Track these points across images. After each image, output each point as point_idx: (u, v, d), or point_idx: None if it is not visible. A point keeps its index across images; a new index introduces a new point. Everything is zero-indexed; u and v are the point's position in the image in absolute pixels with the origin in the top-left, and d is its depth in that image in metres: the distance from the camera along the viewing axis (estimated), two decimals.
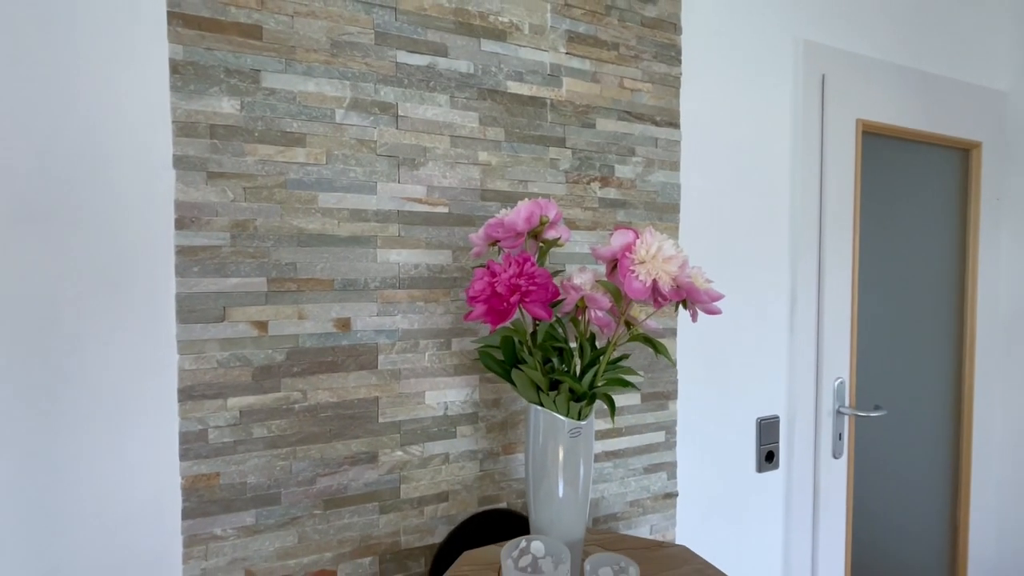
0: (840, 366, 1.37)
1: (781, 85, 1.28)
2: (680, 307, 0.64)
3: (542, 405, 0.67)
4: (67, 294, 0.71)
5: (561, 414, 0.66)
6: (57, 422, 0.71)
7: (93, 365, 0.73)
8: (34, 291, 0.70)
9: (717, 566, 1.23)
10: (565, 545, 0.65)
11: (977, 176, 1.58)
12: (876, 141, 1.42)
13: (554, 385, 0.68)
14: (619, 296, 0.64)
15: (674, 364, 0.77)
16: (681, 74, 1.14)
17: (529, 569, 0.59)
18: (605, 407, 0.83)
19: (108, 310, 0.73)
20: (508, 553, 0.61)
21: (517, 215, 0.64)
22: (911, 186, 1.49)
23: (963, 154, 1.58)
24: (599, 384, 0.67)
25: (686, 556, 0.77)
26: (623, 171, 1.08)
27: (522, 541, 0.63)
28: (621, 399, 1.09)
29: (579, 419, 0.67)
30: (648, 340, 0.65)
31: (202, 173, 0.77)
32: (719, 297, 0.61)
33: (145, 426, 0.76)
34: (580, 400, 0.65)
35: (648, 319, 0.67)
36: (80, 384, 0.72)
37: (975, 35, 1.59)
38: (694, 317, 0.64)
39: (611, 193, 1.07)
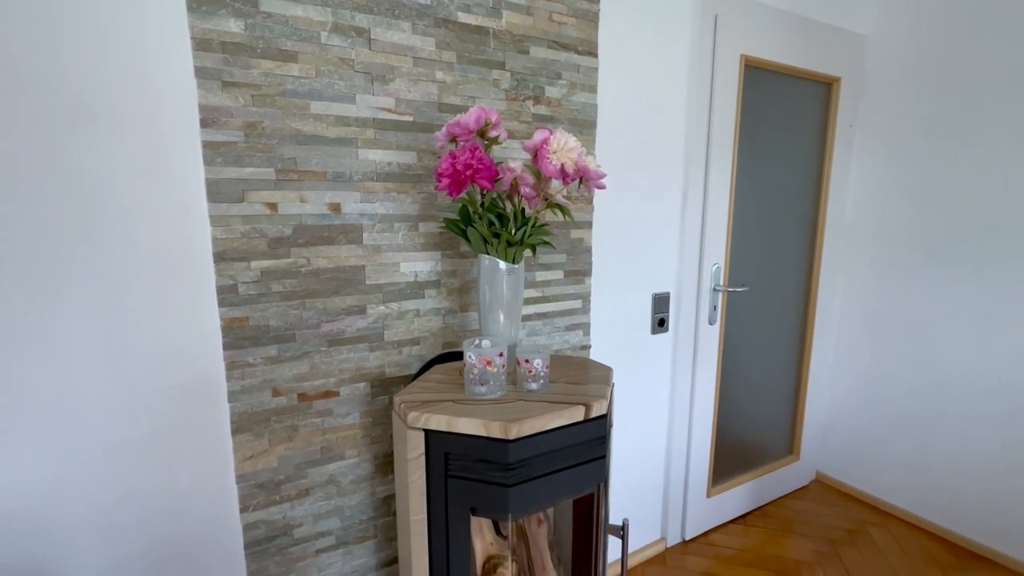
0: (717, 254, 1.77)
1: (681, 22, 1.56)
2: (580, 185, 0.95)
3: (488, 253, 0.98)
4: (120, 178, 0.93)
5: (500, 259, 0.98)
6: (123, 276, 0.95)
7: (146, 235, 0.96)
8: (95, 177, 0.91)
9: (617, 396, 1.66)
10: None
11: (836, 106, 1.97)
12: (756, 74, 1.75)
13: (496, 237, 0.99)
14: (539, 176, 0.95)
15: (573, 220, 1.02)
16: (599, 11, 1.39)
17: (480, 349, 0.93)
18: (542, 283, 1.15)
19: (154, 192, 0.96)
20: (468, 345, 0.95)
21: (469, 117, 0.91)
22: (782, 111, 1.86)
23: (826, 87, 1.95)
24: (527, 239, 0.98)
25: (584, 360, 1.15)
26: (552, 92, 1.35)
27: (476, 339, 0.97)
28: (549, 274, 1.43)
29: (513, 263, 0.99)
30: (558, 207, 0.97)
31: (217, 82, 0.98)
32: (603, 175, 0.92)
33: (191, 280, 1.01)
34: (513, 246, 0.97)
35: (558, 195, 0.98)
36: (140, 249, 0.96)
37: None
38: (589, 191, 0.96)
39: (542, 110, 1.34)
